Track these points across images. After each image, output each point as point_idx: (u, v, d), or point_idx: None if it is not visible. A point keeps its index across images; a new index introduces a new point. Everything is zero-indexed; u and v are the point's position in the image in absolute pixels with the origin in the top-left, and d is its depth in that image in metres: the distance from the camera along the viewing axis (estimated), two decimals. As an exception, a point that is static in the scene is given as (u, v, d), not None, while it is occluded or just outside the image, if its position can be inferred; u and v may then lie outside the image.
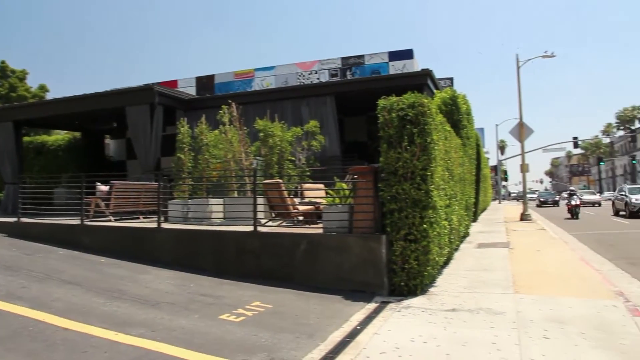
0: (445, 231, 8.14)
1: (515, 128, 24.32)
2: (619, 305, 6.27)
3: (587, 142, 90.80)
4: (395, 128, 6.72)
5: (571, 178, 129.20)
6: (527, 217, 23.01)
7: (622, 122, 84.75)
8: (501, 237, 14.76)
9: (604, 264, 10.37)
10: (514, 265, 9.46)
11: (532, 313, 5.91)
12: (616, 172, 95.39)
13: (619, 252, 12.39)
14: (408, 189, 6.63)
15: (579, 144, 60.36)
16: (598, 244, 14.21)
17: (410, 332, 5.21)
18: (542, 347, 4.69)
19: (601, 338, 4.98)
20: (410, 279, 6.77)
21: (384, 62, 21.14)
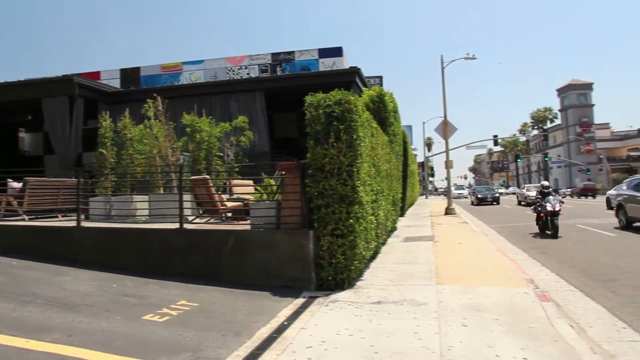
0: (372, 226, 8.32)
1: (440, 126, 25.36)
2: (530, 292, 6.71)
3: (506, 140, 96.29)
4: (322, 124, 6.77)
5: (492, 174, 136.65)
6: (452, 211, 24.09)
7: (537, 122, 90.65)
8: (427, 230, 15.34)
9: (519, 254, 11.06)
10: (438, 257, 9.86)
11: (452, 303, 6.18)
12: (531, 169, 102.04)
13: (532, 243, 13.27)
14: (335, 185, 6.71)
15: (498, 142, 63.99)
16: (514, 236, 15.13)
17: (337, 325, 5.29)
18: (460, 334, 4.92)
19: (513, 323, 5.31)
20: (337, 274, 6.86)
21: (314, 59, 21.27)
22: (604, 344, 4.96)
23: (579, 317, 5.89)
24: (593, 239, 14.05)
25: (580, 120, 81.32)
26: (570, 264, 9.70)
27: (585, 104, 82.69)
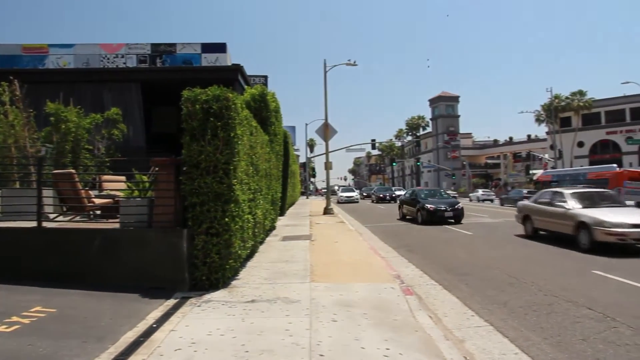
0: (249, 225, 8.29)
1: (321, 128, 26.06)
2: (396, 287, 7.16)
3: (383, 144, 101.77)
4: (199, 120, 6.59)
5: (370, 176, 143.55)
6: (330, 211, 24.86)
7: (411, 128, 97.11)
8: (305, 230, 15.66)
9: (389, 252, 11.77)
10: (314, 256, 10.11)
11: (324, 299, 6.38)
12: (405, 172, 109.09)
13: (401, 241, 14.19)
14: (210, 183, 6.57)
15: (376, 146, 67.58)
16: (386, 235, 16.06)
17: (209, 326, 5.18)
18: (330, 329, 5.10)
19: (379, 316, 5.62)
20: (212, 273, 6.72)
21: (196, 53, 20.58)
22: (455, 330, 5.48)
23: (437, 308, 6.44)
24: (454, 237, 15.40)
25: (447, 129, 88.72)
26: (433, 261, 10.54)
27: (452, 114, 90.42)
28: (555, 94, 58.64)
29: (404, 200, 23.78)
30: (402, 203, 24.15)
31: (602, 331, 5.40)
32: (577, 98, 58.25)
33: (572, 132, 59.07)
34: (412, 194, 23.75)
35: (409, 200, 22.67)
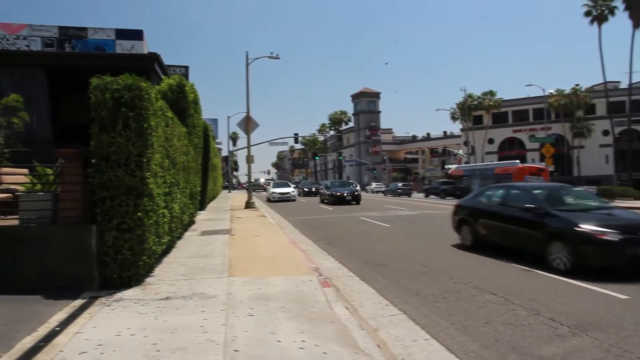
0: (165, 219, 8.00)
1: (243, 121, 25.71)
2: (314, 279, 7.24)
3: (306, 138, 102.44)
4: (109, 110, 6.23)
5: (293, 170, 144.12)
6: (252, 205, 24.65)
7: (334, 123, 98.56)
8: (225, 224, 15.40)
9: (309, 245, 11.87)
10: (233, 250, 9.97)
11: (242, 294, 6.30)
12: (328, 166, 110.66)
13: (321, 234, 14.37)
14: (122, 176, 6.24)
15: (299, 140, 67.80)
16: (307, 228, 16.19)
17: (118, 326, 4.93)
18: (247, 324, 5.04)
19: (296, 309, 5.65)
20: (123, 271, 6.41)
21: (110, 39, 19.39)
22: (371, 320, 5.63)
23: (353, 299, 6.58)
24: (372, 229, 15.83)
25: (369, 124, 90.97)
26: (351, 253, 10.77)
27: (373, 110, 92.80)
28: (468, 94, 62.15)
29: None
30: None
31: (503, 314, 5.79)
32: (488, 98, 62.03)
33: (484, 130, 62.82)
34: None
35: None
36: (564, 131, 58.50)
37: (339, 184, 34.73)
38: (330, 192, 30.84)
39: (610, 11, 47.18)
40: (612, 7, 46.99)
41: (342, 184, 34.87)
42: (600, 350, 4.61)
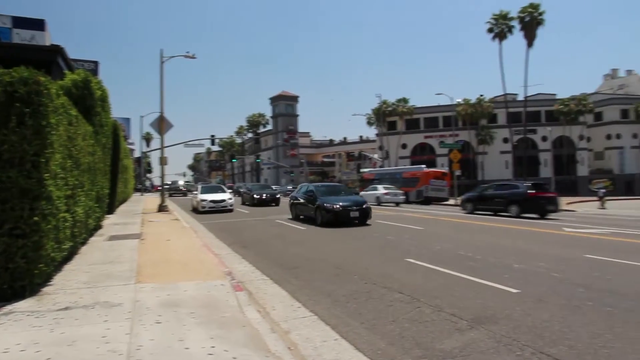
0: (66, 224, 7.50)
1: (156, 121, 24.78)
2: (226, 284, 7.13)
3: (224, 140, 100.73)
4: (1, 105, 5.74)
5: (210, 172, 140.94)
6: (165, 208, 23.80)
7: (252, 125, 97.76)
8: (136, 228, 14.74)
9: (223, 249, 11.67)
10: (143, 255, 9.57)
11: (149, 301, 6.06)
12: (246, 169, 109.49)
13: (236, 237, 14.19)
14: (15, 177, 5.76)
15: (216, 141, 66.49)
16: (223, 231, 15.92)
17: (6, 342, 4.53)
18: (153, 332, 4.85)
19: (207, 315, 5.53)
20: (15, 280, 5.91)
21: (5, 27, 17.76)
22: (282, 322, 5.65)
23: (266, 302, 6.57)
24: (288, 232, 15.88)
25: (287, 127, 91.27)
26: (266, 256, 10.74)
27: (292, 113, 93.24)
28: (383, 100, 64.33)
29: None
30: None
31: (409, 312, 6.06)
32: (401, 105, 64.59)
33: (397, 135, 65.30)
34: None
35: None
36: (470, 138, 62.33)
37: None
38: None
39: (509, 30, 51.12)
40: (511, 26, 50.91)
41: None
42: (493, 340, 4.96)
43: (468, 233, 15.08)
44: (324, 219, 17.34)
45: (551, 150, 59.86)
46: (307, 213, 19.33)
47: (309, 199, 19.21)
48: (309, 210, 18.92)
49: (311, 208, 18.64)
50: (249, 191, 33.69)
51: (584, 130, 64.08)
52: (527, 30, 49.53)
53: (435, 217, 22.24)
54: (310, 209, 18.81)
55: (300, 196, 20.48)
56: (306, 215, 19.49)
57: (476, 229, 16.54)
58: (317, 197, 18.46)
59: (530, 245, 11.90)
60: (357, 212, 17.56)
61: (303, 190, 20.93)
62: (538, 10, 49.20)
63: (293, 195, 21.64)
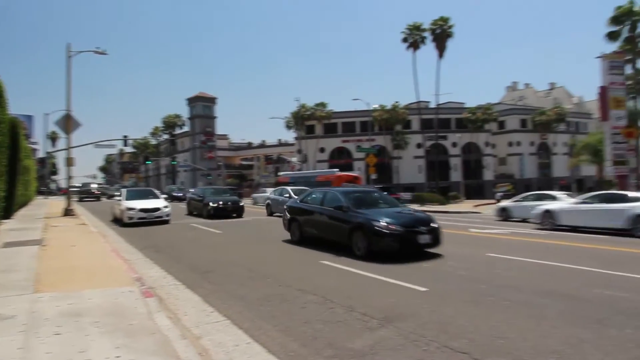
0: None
1: (62, 120, 23.24)
2: (135, 290, 6.83)
3: (137, 141, 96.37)
4: None
5: (123, 174, 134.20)
6: (71, 212, 22.36)
7: (168, 126, 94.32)
8: (36, 234, 13.71)
9: (134, 254, 11.18)
10: (43, 262, 8.93)
11: (48, 311, 5.67)
12: (161, 171, 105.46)
13: (148, 242, 13.63)
14: None
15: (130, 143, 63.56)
16: (133, 236, 15.23)
17: None
18: (51, 344, 4.55)
19: (113, 323, 5.27)
20: None
21: None
22: (194, 328, 5.52)
23: (177, 307, 6.38)
24: (202, 236, 15.54)
25: (204, 129, 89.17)
26: (180, 260, 10.43)
27: (209, 115, 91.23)
28: (302, 104, 64.79)
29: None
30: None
31: (322, 313, 6.16)
32: (320, 109, 65.43)
33: (316, 139, 66.09)
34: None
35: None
36: (386, 143, 64.49)
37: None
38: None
39: (422, 40, 53.54)
40: (424, 37, 53.39)
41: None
42: (402, 338, 5.17)
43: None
44: (379, 247, 10.18)
45: (460, 155, 63.69)
46: (330, 235, 11.90)
47: (336, 214, 11.49)
48: (337, 232, 11.46)
49: (342, 229, 11.16)
50: (200, 197, 24.86)
51: (489, 137, 68.62)
52: (438, 41, 52.19)
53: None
54: (338, 230, 11.39)
55: (314, 207, 12.64)
56: (328, 239, 12.00)
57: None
58: (354, 212, 11.00)
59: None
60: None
61: (314, 197, 13.18)
62: (448, 23, 51.96)
63: (294, 206, 13.88)
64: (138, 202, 20.07)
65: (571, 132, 72.99)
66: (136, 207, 19.53)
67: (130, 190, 23.46)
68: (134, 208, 19.46)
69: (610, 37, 33.60)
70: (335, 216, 11.46)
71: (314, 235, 12.41)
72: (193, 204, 25.71)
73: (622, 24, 33.33)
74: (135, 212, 19.33)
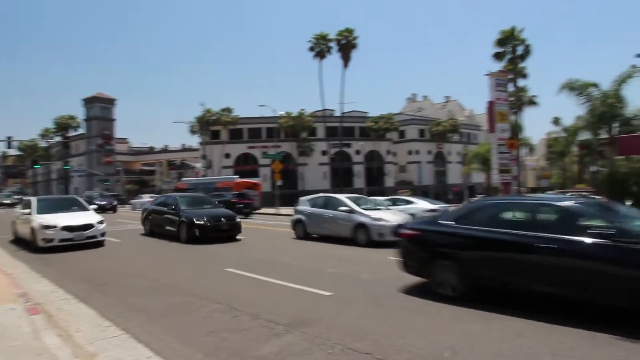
0: None
1: None
2: (19, 307, 6.25)
3: (24, 143, 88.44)
4: None
5: (7, 180, 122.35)
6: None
7: (60, 128, 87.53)
8: None
9: (18, 267, 10.23)
10: None
11: None
12: (52, 176, 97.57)
13: (36, 253, 12.52)
14: None
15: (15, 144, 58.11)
16: (19, 247, 13.92)
17: None
18: None
19: (-9, 344, 4.77)
20: None
21: None
22: (88, 345, 5.15)
23: (69, 324, 5.92)
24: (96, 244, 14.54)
25: (102, 132, 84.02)
26: (71, 272, 9.71)
27: (108, 117, 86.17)
28: (207, 109, 63.46)
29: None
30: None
31: (227, 321, 6.04)
32: (225, 114, 64.45)
33: (221, 144, 64.96)
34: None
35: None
36: (292, 149, 64.96)
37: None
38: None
39: (328, 50, 54.85)
40: (330, 47, 54.74)
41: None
42: (307, 342, 5.22)
43: (284, 241, 15.64)
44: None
45: (363, 162, 65.91)
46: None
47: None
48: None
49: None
50: (172, 210, 16.47)
51: (391, 146, 71.82)
52: (344, 52, 53.77)
53: (256, 226, 22.62)
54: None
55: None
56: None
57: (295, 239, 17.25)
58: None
59: (341, 251, 12.79)
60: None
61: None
62: (353, 34, 53.74)
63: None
64: (58, 216, 13.96)
65: (464, 142, 78.80)
66: (57, 224, 13.40)
67: (43, 199, 17.03)
68: (53, 226, 13.32)
69: (496, 57, 36.87)
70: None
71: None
72: (156, 220, 17.60)
73: (505, 46, 36.72)
74: (55, 232, 13.26)
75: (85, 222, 14.04)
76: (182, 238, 15.19)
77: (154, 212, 17.71)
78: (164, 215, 16.79)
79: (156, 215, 17.48)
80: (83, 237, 13.72)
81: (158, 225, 17.19)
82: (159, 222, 17.17)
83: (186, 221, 15.21)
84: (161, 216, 17.02)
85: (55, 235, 13.26)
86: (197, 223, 15.03)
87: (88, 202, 18.47)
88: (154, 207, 18.09)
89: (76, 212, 15.14)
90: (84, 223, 13.93)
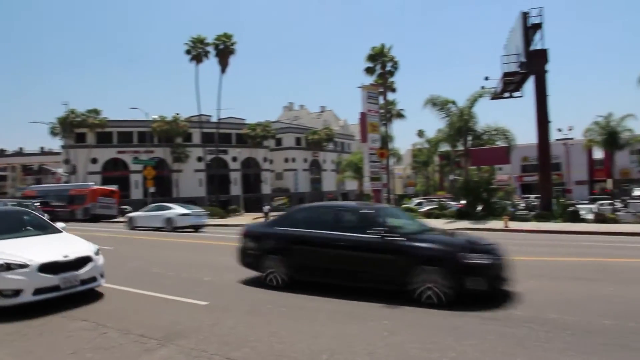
0: None
1: None
2: None
3: None
4: None
5: None
6: None
7: None
8: None
9: None
10: None
11: None
12: None
13: None
14: None
15: None
16: None
17: None
18: None
19: None
20: None
21: None
22: None
23: None
24: None
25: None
26: None
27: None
28: (71, 109, 58.28)
29: None
30: None
31: (93, 339, 5.57)
32: (92, 116, 59.77)
33: (87, 149, 60.07)
34: None
35: None
36: (166, 155, 62.27)
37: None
38: None
39: (206, 54, 53.64)
40: (207, 51, 53.58)
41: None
42: (183, 355, 5.01)
43: (161, 249, 14.95)
44: None
45: (240, 170, 65.44)
46: None
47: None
48: None
49: None
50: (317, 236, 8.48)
51: (268, 153, 72.30)
52: (221, 57, 52.92)
53: (126, 235, 21.28)
54: None
55: None
56: None
57: (169, 245, 16.55)
58: None
59: (218, 258, 12.54)
60: None
61: None
62: (231, 40, 53.12)
63: None
64: (19, 245, 7.44)
65: (338, 151, 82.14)
66: (32, 260, 6.89)
67: None
68: (21, 265, 6.81)
69: (367, 71, 39.12)
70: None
71: None
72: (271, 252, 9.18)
73: (376, 62, 39.12)
74: (25, 277, 6.76)
75: (77, 253, 7.51)
76: None
77: None
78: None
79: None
80: (77, 283, 7.30)
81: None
82: None
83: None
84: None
85: (26, 284, 6.76)
86: None
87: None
88: None
89: (40, 235, 8.26)
90: (76, 256, 7.42)
